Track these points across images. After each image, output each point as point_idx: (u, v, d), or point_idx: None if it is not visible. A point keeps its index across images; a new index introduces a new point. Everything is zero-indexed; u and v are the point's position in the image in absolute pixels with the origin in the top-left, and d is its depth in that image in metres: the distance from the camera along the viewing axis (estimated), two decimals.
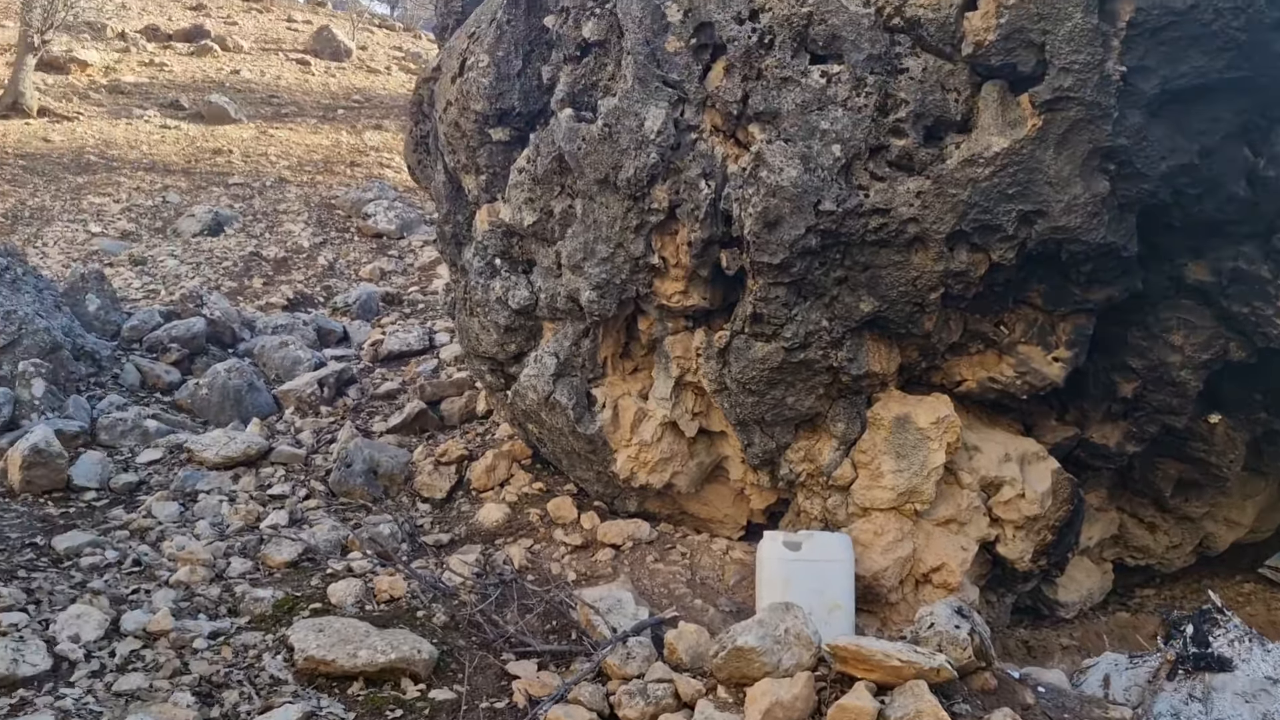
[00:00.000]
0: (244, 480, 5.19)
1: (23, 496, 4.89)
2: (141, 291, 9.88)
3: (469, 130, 4.70)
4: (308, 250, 11.61)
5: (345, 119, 18.25)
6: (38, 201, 13.08)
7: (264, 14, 24.74)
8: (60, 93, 17.71)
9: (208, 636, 3.69)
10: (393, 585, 4.05)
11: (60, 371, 5.92)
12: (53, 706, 3.18)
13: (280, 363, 6.67)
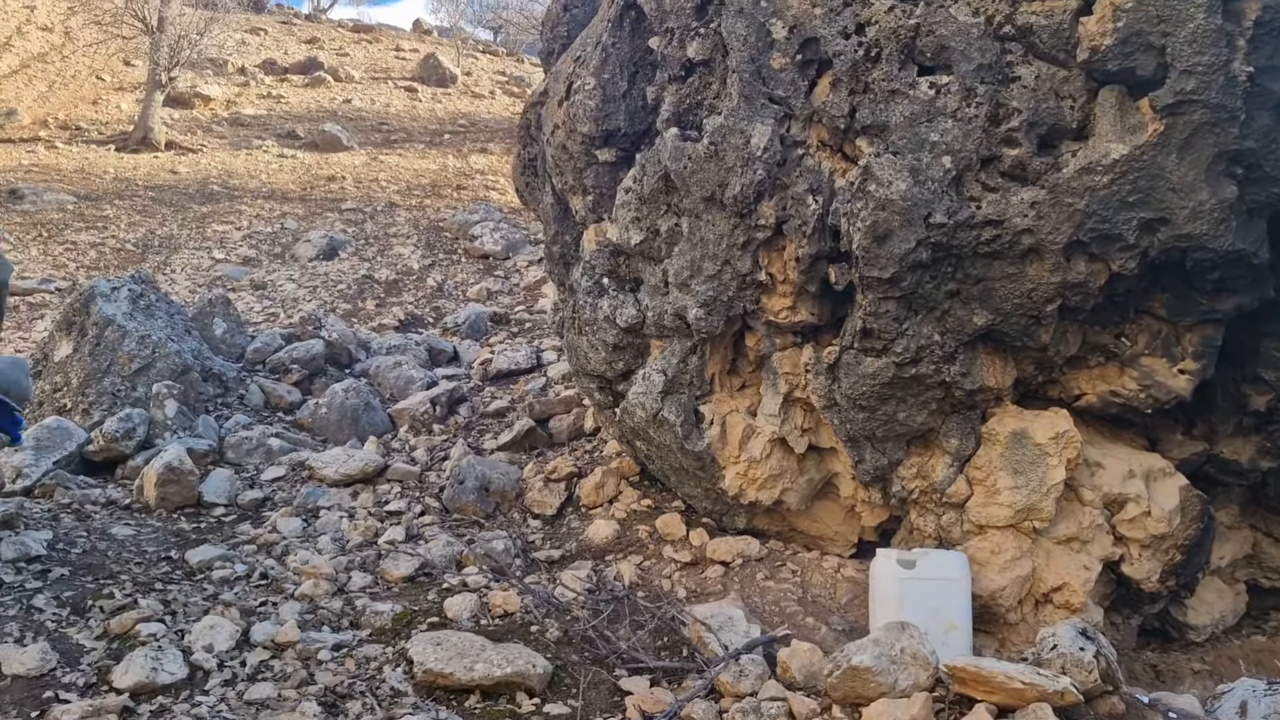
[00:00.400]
0: (362, 497, 5.35)
1: (158, 512, 5.14)
2: (262, 315, 10.27)
3: (576, 152, 4.78)
4: (417, 272, 11.90)
5: (451, 143, 18.72)
6: (166, 230, 13.73)
7: (373, 44, 25.57)
8: (186, 127, 18.60)
9: (331, 648, 3.81)
10: (507, 600, 4.12)
11: (190, 392, 6.21)
12: (189, 714, 3.32)
13: (394, 382, 6.86)
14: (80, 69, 20.32)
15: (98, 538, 4.67)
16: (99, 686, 3.43)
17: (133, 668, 3.44)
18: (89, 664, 3.56)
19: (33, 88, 19.16)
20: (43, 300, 11.35)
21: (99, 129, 18.26)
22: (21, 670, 3.41)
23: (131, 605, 3.97)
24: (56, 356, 6.23)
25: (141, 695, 3.38)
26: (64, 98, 19.17)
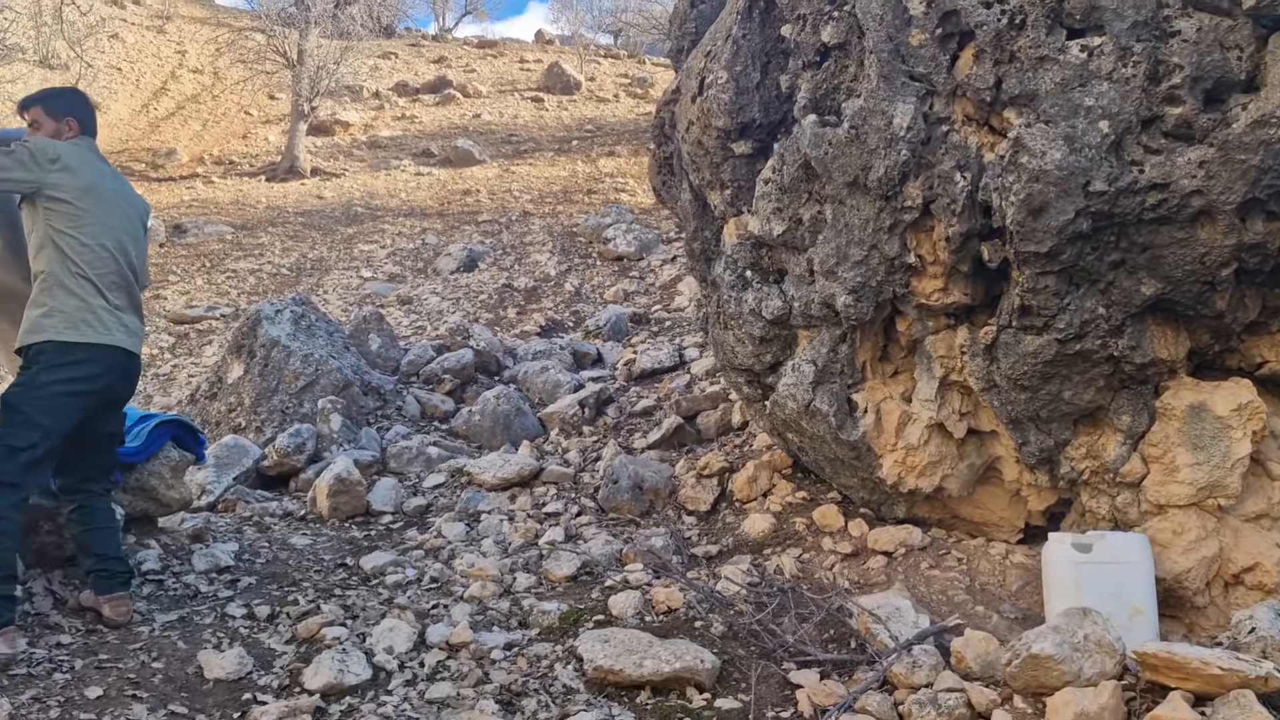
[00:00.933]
0: (520, 500, 5.48)
1: (331, 521, 5.38)
2: (410, 328, 10.64)
3: (711, 147, 4.77)
4: (554, 278, 12.09)
5: (579, 149, 18.98)
6: (316, 253, 14.37)
7: (498, 58, 26.16)
8: (328, 153, 19.42)
9: (503, 648, 3.91)
10: (670, 597, 4.15)
11: (352, 406, 6.48)
12: (376, 713, 3.46)
13: (542, 387, 7.00)
14: (229, 106, 21.47)
15: (278, 548, 4.92)
16: (291, 688, 3.60)
17: (321, 670, 3.60)
18: (281, 667, 3.75)
19: (188, 127, 20.34)
20: (209, 326, 12.03)
21: (249, 161, 19.24)
22: (222, 674, 3.62)
23: (315, 611, 4.16)
24: (229, 378, 6.60)
25: (331, 696, 3.54)
26: (216, 134, 20.28)
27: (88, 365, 3.75)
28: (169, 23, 25.67)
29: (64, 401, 3.71)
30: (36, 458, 3.64)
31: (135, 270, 4.00)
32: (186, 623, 4.04)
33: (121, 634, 3.88)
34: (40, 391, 3.65)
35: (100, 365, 3.79)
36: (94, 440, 3.97)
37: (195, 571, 4.52)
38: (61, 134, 3.92)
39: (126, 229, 3.96)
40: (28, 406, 3.63)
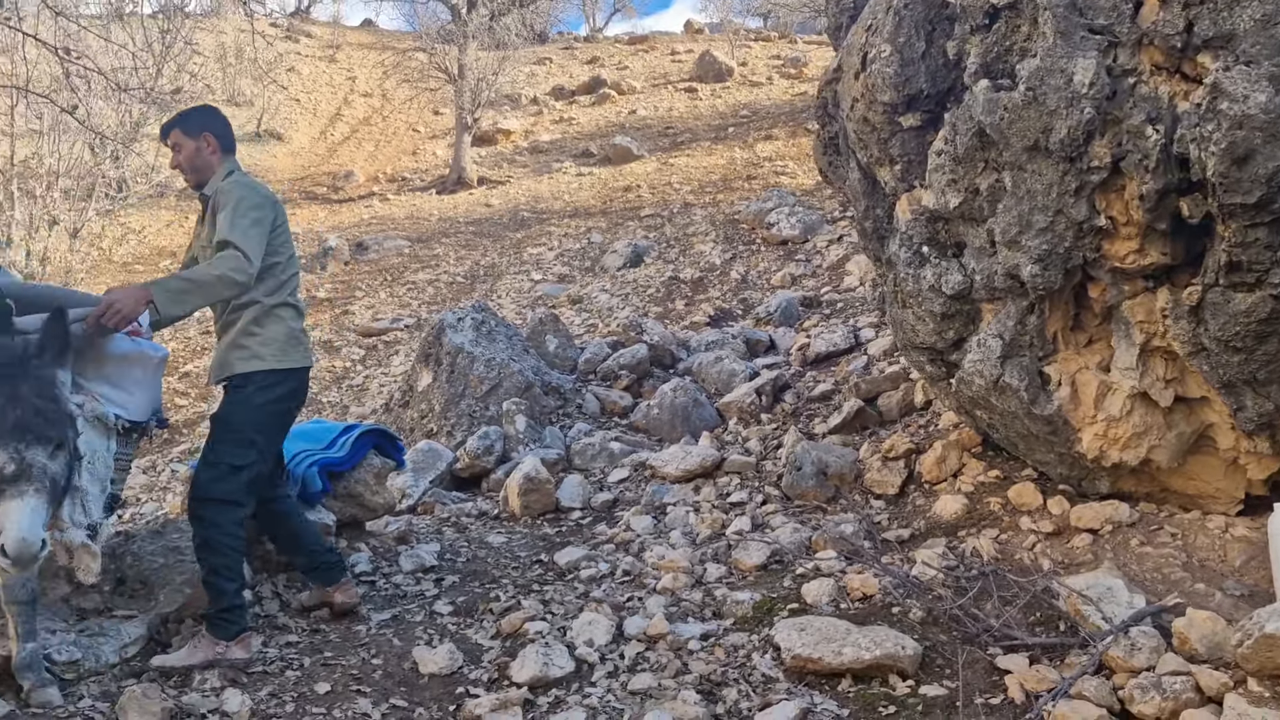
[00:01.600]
0: (704, 491, 5.51)
1: (523, 519, 5.56)
2: (582, 327, 10.84)
3: (878, 123, 4.67)
4: (720, 267, 12.07)
5: (736, 135, 18.89)
6: (488, 260, 14.83)
7: (649, 53, 26.34)
8: (492, 161, 20.02)
9: (699, 638, 3.95)
10: (864, 583, 4.09)
11: (535, 407, 6.67)
12: (582, 704, 3.56)
13: (717, 377, 7.01)
14: (398, 125, 22.43)
15: (477, 546, 5.12)
16: (500, 681, 3.75)
17: (527, 663, 3.73)
18: (489, 661, 3.90)
19: (363, 149, 21.38)
20: (395, 338, 12.60)
21: (420, 176, 20.05)
22: (435, 669, 3.80)
23: (516, 606, 4.31)
24: (419, 386, 6.91)
25: (538, 688, 3.66)
26: (388, 153, 21.23)
27: (293, 386, 3.99)
28: (339, 51, 27.05)
29: (275, 421, 3.97)
30: (254, 475, 3.89)
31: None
32: (399, 621, 4.26)
33: (342, 632, 4.13)
34: (256, 413, 3.87)
35: (299, 384, 4.04)
36: (278, 451, 4.23)
37: (402, 572, 4.75)
38: (201, 150, 3.98)
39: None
40: (245, 427, 3.85)
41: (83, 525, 3.32)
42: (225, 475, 3.80)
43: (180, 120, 4.04)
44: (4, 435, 2.99)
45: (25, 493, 2.96)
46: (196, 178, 4.02)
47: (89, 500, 3.40)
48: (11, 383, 3.08)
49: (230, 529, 3.81)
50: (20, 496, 2.95)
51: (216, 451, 3.84)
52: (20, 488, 2.96)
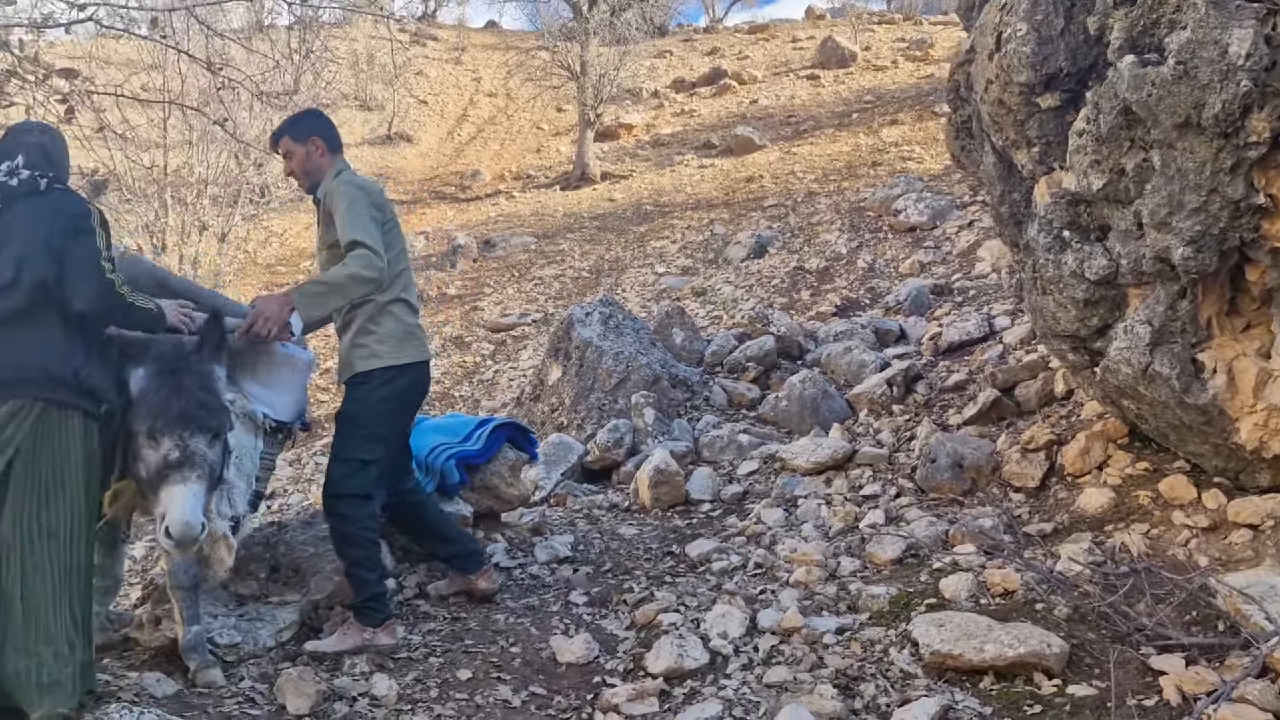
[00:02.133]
0: (836, 483, 5.45)
1: (653, 511, 5.61)
2: (707, 319, 10.85)
3: (1014, 104, 4.51)
4: (846, 256, 11.91)
5: (860, 121, 18.57)
6: (612, 254, 14.98)
7: (770, 41, 26.11)
8: (615, 156, 20.19)
9: (835, 632, 3.91)
10: (1005, 578, 3.98)
11: (662, 399, 6.71)
12: (718, 696, 3.57)
13: (847, 368, 6.92)
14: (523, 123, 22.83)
15: (609, 538, 5.19)
16: (635, 671, 3.79)
17: (662, 654, 3.76)
18: (624, 651, 3.95)
19: (489, 148, 21.84)
20: (523, 332, 12.86)
21: (544, 173, 20.38)
22: (572, 658, 3.87)
23: (650, 598, 4.35)
24: (549, 380, 7.03)
25: (673, 679, 3.69)
26: (514, 151, 21.64)
27: (412, 380, 4.08)
28: (464, 53, 27.69)
29: (397, 415, 4.08)
30: (383, 469, 4.02)
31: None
32: (536, 610, 4.36)
33: (481, 621, 4.24)
34: (378, 409, 3.97)
35: (419, 379, 4.13)
36: (406, 443, 4.35)
37: (538, 562, 4.85)
38: (310, 155, 4.03)
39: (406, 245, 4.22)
40: (373, 424, 3.96)
41: (227, 517, 3.50)
42: (355, 471, 3.93)
43: (288, 127, 4.10)
44: (171, 424, 3.17)
45: (188, 479, 3.14)
46: (309, 181, 4.08)
47: (234, 494, 3.58)
48: (176, 376, 3.26)
49: (365, 522, 3.95)
50: (184, 482, 3.13)
51: (345, 448, 3.96)
52: (184, 474, 3.14)
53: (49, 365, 2.96)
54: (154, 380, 3.26)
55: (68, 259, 3.05)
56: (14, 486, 2.88)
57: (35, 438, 2.92)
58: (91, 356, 3.09)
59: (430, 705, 3.53)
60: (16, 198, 3.07)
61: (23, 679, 2.82)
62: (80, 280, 3.06)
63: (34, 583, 2.87)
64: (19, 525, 2.88)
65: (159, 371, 3.27)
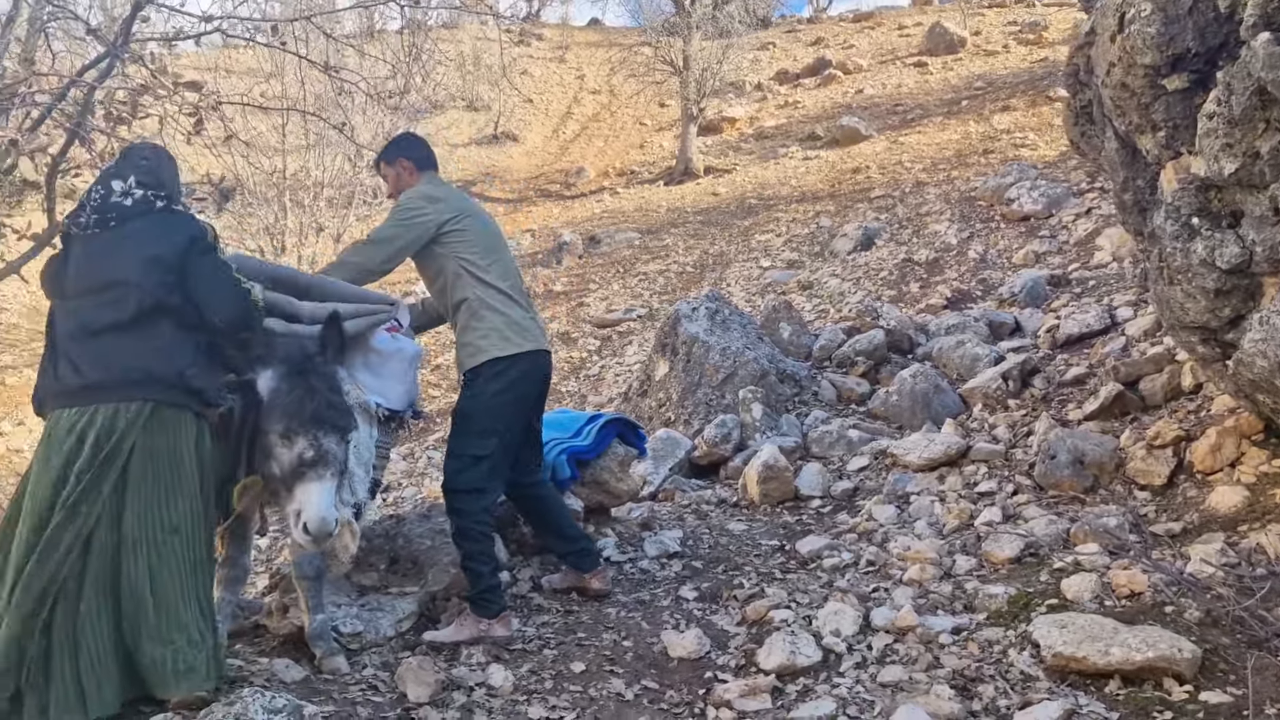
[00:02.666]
0: (950, 480, 5.34)
1: (762, 507, 5.58)
2: (813, 313, 10.73)
3: (1138, 87, 4.34)
4: (956, 247, 11.64)
5: (970, 109, 18.13)
6: (717, 249, 14.94)
7: (875, 29, 25.67)
8: (718, 150, 20.14)
9: (950, 632, 3.83)
10: (1131, 579, 3.84)
11: (770, 395, 6.67)
12: (831, 694, 3.53)
13: (959, 362, 6.77)
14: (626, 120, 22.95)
15: (718, 533, 5.19)
16: (747, 667, 3.78)
17: (774, 651, 3.75)
18: (735, 647, 3.95)
19: (593, 145, 22.02)
20: (628, 328, 12.93)
21: (648, 169, 20.44)
22: (684, 653, 3.89)
23: (760, 594, 4.34)
24: (656, 376, 7.06)
25: (785, 676, 3.67)
26: (617, 148, 21.77)
27: (523, 370, 4.14)
28: (568, 51, 27.96)
29: (510, 409, 4.14)
30: (496, 463, 4.10)
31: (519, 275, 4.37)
32: (646, 605, 4.38)
33: (593, 614, 4.29)
34: (489, 403, 4.07)
35: (530, 369, 4.18)
36: (533, 434, 4.42)
37: (648, 557, 4.88)
38: (400, 175, 4.31)
39: (503, 240, 4.35)
40: (484, 418, 4.07)
41: (349, 504, 3.61)
42: (468, 466, 4.04)
43: (381, 153, 4.46)
44: (305, 424, 3.30)
45: (323, 476, 3.26)
46: None
47: (354, 482, 3.68)
48: (306, 378, 3.39)
49: (479, 516, 4.04)
50: (319, 480, 3.25)
51: (458, 444, 4.10)
52: (319, 471, 3.26)
53: (157, 369, 3.09)
54: (284, 382, 3.38)
55: (200, 278, 3.22)
56: (134, 486, 3.02)
57: (151, 438, 3.06)
58: (199, 359, 3.23)
59: (545, 696, 3.59)
60: (131, 216, 3.23)
61: (159, 667, 2.96)
62: (220, 297, 3.24)
63: (162, 577, 3.00)
64: (143, 523, 3.01)
65: (289, 373, 3.39)
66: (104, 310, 3.10)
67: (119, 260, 3.16)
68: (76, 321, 3.13)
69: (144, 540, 3.00)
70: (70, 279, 3.21)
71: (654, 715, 3.52)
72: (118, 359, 3.06)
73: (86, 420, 3.00)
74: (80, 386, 3.03)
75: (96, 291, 3.13)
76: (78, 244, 3.24)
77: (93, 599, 2.92)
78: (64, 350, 3.11)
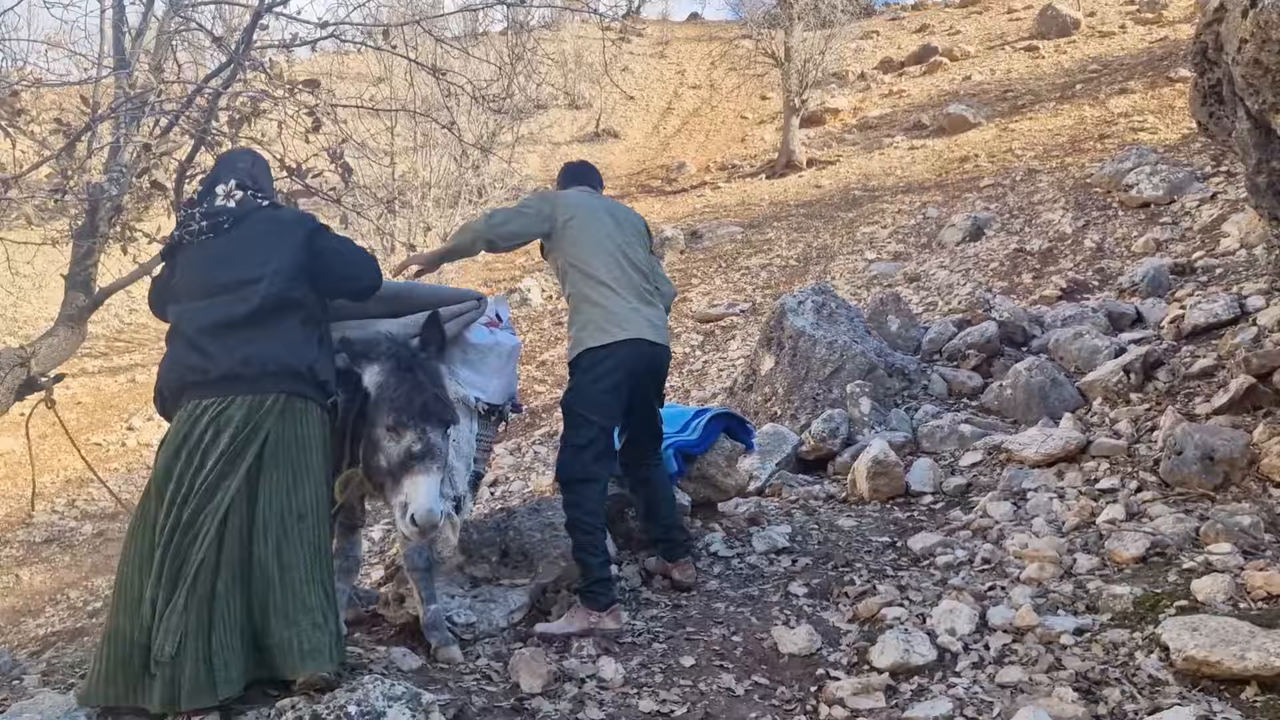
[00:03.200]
0: (1069, 476, 5.16)
1: (871, 503, 5.49)
2: (921, 305, 10.53)
3: (1273, 64, 4.14)
4: (1071, 236, 11.27)
5: (1084, 93, 17.52)
6: (820, 242, 14.77)
7: (983, 14, 25.02)
8: (821, 142, 19.90)
9: (1073, 633, 3.70)
10: (1268, 581, 3.65)
11: (878, 389, 6.56)
12: (947, 694, 3.46)
13: (1077, 354, 6.55)
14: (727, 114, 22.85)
15: (827, 529, 5.12)
16: (860, 665, 3.73)
17: (887, 649, 3.68)
18: (847, 644, 3.89)
19: (693, 140, 21.99)
20: (731, 323, 12.89)
21: (749, 163, 20.32)
22: (795, 649, 3.85)
23: (872, 591, 4.27)
24: (762, 370, 7.01)
25: (899, 675, 3.60)
26: (718, 142, 21.70)
27: (620, 359, 4.19)
28: (668, 47, 27.98)
29: (606, 398, 4.20)
30: (599, 451, 4.16)
31: (644, 272, 4.40)
32: (755, 600, 4.36)
33: (702, 609, 4.28)
34: (586, 393, 4.18)
35: (627, 358, 4.21)
36: (642, 421, 4.47)
37: (756, 553, 4.85)
38: None
39: (624, 238, 4.38)
40: (580, 408, 4.18)
41: (450, 498, 3.67)
42: (571, 456, 4.15)
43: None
44: (414, 417, 3.38)
45: (430, 469, 3.34)
46: None
47: (455, 475, 3.76)
48: (413, 374, 3.48)
49: (589, 506, 4.10)
50: (426, 472, 3.33)
51: (564, 435, 4.25)
52: (426, 464, 3.34)
53: (288, 360, 3.21)
54: (392, 376, 3.48)
55: (333, 254, 3.41)
56: (266, 472, 3.13)
57: (283, 426, 3.18)
58: (321, 352, 3.35)
59: (656, 690, 3.60)
60: (241, 217, 3.36)
61: (286, 648, 3.06)
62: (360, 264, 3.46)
63: (290, 560, 3.11)
64: (274, 508, 3.12)
65: (396, 369, 3.50)
66: (235, 306, 3.22)
67: (244, 258, 3.29)
68: (207, 318, 3.25)
69: (274, 524, 3.11)
70: (192, 282, 3.33)
71: (765, 711, 3.49)
72: (253, 352, 3.17)
73: (225, 409, 3.13)
74: (218, 377, 3.16)
75: (226, 290, 3.25)
76: (192, 251, 3.37)
77: (228, 580, 3.03)
78: (196, 345, 3.23)
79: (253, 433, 3.12)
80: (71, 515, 12.61)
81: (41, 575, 11.54)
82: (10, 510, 12.81)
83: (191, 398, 3.19)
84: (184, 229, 3.40)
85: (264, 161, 3.62)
